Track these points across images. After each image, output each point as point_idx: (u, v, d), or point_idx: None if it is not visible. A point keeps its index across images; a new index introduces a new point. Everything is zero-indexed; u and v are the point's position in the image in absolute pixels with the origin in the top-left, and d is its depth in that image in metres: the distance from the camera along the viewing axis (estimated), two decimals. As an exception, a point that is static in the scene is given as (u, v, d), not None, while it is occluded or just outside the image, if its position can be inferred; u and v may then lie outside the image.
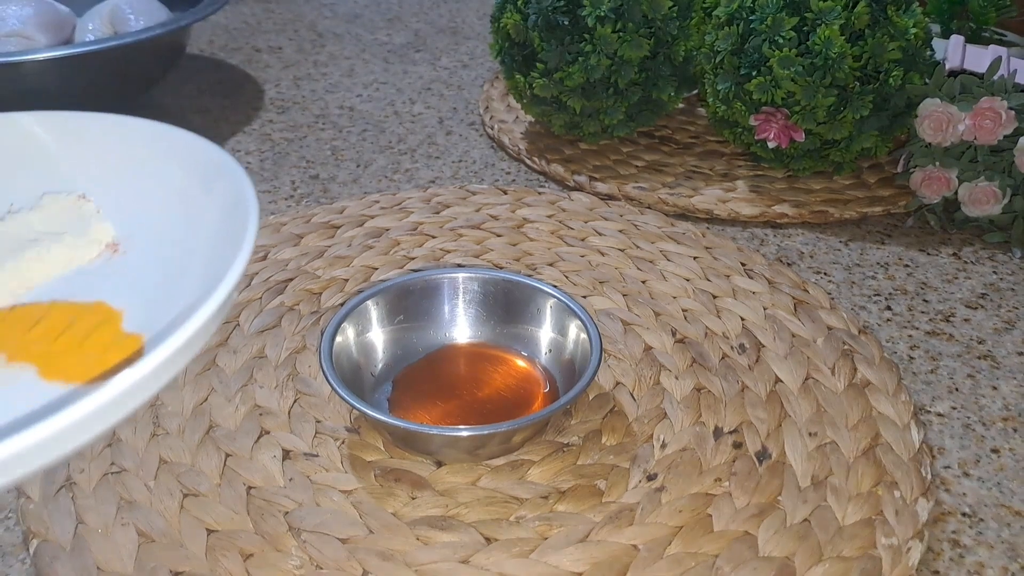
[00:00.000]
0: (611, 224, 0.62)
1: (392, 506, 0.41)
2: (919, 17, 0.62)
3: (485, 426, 0.41)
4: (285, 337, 0.51)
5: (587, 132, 0.72)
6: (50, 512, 0.40)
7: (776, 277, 0.57)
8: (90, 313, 0.32)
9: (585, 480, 0.42)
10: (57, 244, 0.34)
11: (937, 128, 0.60)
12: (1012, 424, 0.47)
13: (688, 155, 0.74)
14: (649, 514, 0.40)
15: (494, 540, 0.39)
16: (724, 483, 0.42)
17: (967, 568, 0.40)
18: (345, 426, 0.45)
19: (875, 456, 0.43)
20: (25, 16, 0.74)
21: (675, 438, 0.45)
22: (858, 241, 0.64)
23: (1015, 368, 0.51)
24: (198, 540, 0.39)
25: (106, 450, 0.43)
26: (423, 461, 0.43)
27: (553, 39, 0.67)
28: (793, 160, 0.68)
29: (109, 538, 0.39)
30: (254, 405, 0.46)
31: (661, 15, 0.66)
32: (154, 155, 0.35)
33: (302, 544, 0.39)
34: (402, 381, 0.47)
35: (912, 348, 0.53)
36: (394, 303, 0.49)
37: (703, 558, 0.39)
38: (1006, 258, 0.62)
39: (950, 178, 0.61)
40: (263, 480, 0.42)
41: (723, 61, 0.65)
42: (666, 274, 0.57)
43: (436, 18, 1.09)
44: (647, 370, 0.49)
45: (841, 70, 0.60)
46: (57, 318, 0.32)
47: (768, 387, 0.48)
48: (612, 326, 0.52)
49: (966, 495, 0.43)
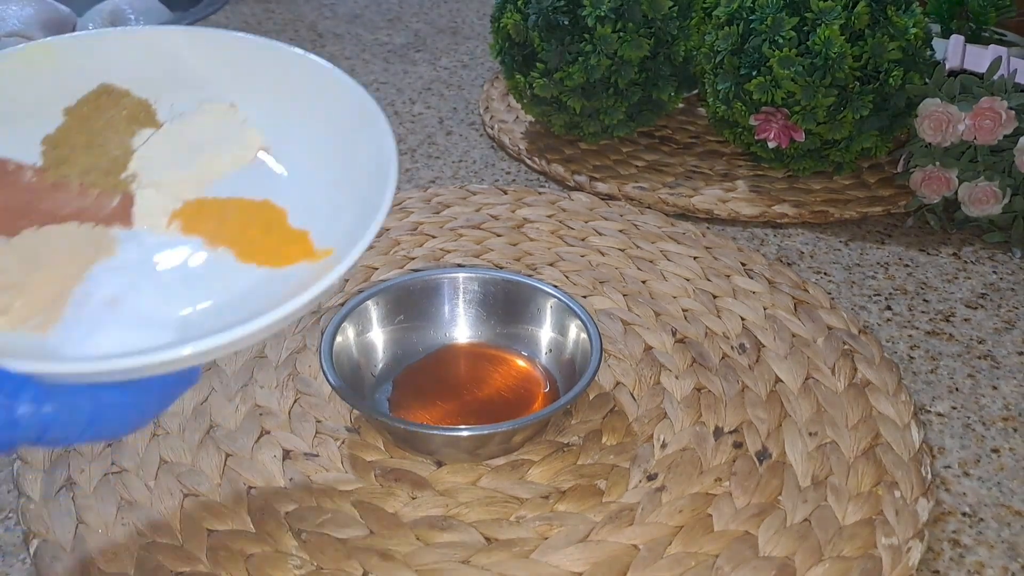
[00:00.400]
0: (611, 224, 0.62)
1: (392, 506, 0.41)
2: (919, 17, 0.62)
3: (485, 426, 0.41)
4: (285, 337, 0.51)
5: (587, 132, 0.72)
6: (50, 512, 0.40)
7: (776, 277, 0.57)
8: (263, 209, 0.37)
9: (585, 480, 0.42)
10: (225, 147, 0.38)
11: (937, 128, 0.60)
12: (1012, 424, 0.47)
13: (688, 155, 0.74)
14: (649, 514, 0.40)
15: (494, 540, 0.39)
16: (724, 483, 0.42)
17: (967, 568, 0.40)
18: (345, 426, 0.45)
19: (875, 456, 0.43)
20: (26, 16, 0.74)
21: (675, 438, 0.45)
22: (858, 241, 0.64)
23: (1015, 368, 0.51)
24: (198, 540, 0.39)
25: (106, 450, 0.43)
26: (423, 461, 0.43)
27: (553, 39, 0.67)
28: (793, 160, 0.68)
29: (109, 538, 0.39)
30: (254, 405, 0.46)
31: (661, 15, 0.66)
32: (300, 79, 0.38)
33: (302, 544, 0.39)
34: (402, 381, 0.47)
35: (912, 348, 0.53)
36: (394, 303, 0.49)
37: (703, 558, 0.39)
38: (1006, 258, 0.62)
39: (950, 178, 0.62)
40: (263, 480, 0.42)
41: (723, 61, 0.65)
42: (666, 274, 0.57)
43: (436, 18, 1.09)
44: (647, 370, 0.49)
45: (841, 70, 0.60)
46: (239, 212, 0.36)
47: (768, 387, 0.48)
48: (612, 326, 0.52)
49: (966, 495, 0.43)
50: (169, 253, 0.35)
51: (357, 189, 0.35)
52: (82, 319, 0.32)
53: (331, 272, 0.30)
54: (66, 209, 0.35)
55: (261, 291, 0.33)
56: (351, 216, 0.34)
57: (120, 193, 0.36)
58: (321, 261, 0.34)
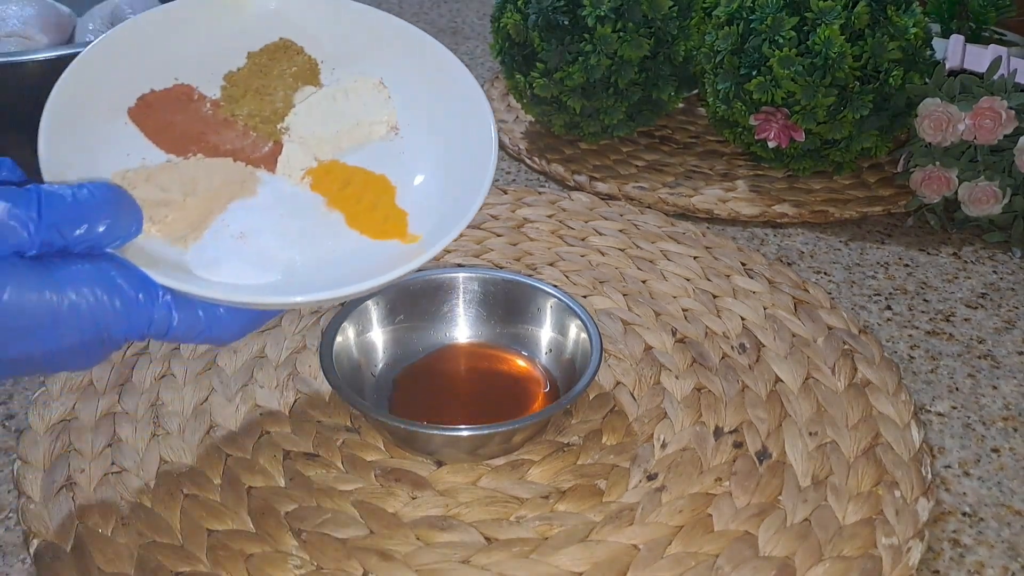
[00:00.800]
0: (611, 224, 0.62)
1: (392, 506, 0.41)
2: (919, 17, 0.62)
3: (485, 426, 0.41)
4: (285, 337, 0.51)
5: (587, 132, 0.72)
6: (50, 512, 0.40)
7: (776, 277, 0.57)
8: (378, 184, 0.41)
9: (585, 480, 0.42)
10: (366, 119, 0.42)
11: (937, 128, 0.60)
12: (1012, 424, 0.47)
13: (688, 155, 0.74)
14: (649, 514, 0.40)
15: (494, 540, 0.39)
16: (724, 483, 0.42)
17: (967, 568, 0.40)
18: (345, 426, 0.45)
19: (875, 456, 0.43)
20: (25, 16, 0.74)
21: (675, 438, 0.45)
22: (858, 241, 0.64)
23: (1015, 368, 0.51)
24: (198, 540, 0.39)
25: (106, 450, 0.43)
26: (423, 461, 0.43)
27: (553, 39, 0.67)
28: (793, 160, 0.68)
29: (109, 538, 0.39)
30: (254, 405, 0.46)
31: (661, 15, 0.66)
32: (437, 69, 0.42)
33: (302, 544, 0.39)
34: (402, 381, 0.47)
35: (912, 348, 0.53)
36: (394, 303, 0.49)
37: (703, 558, 0.39)
38: (1006, 258, 0.62)
39: (950, 178, 0.61)
40: (263, 480, 0.42)
41: (723, 61, 0.65)
42: (666, 274, 0.57)
43: (436, 18, 1.09)
44: (647, 370, 0.49)
45: (841, 70, 0.60)
46: (360, 181, 0.41)
47: (768, 387, 0.48)
48: (612, 326, 0.52)
49: (966, 495, 0.43)
50: (295, 204, 0.39)
51: (454, 188, 0.40)
52: (215, 245, 0.37)
53: (414, 259, 0.36)
54: (227, 145, 0.40)
55: (355, 257, 0.38)
56: (443, 212, 0.39)
57: (272, 141, 0.41)
58: (409, 245, 0.38)
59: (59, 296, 0.31)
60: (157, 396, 0.47)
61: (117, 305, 0.32)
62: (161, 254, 0.35)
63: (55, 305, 0.31)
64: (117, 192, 0.33)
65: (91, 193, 0.32)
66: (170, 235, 0.36)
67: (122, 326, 0.32)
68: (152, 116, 0.40)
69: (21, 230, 0.30)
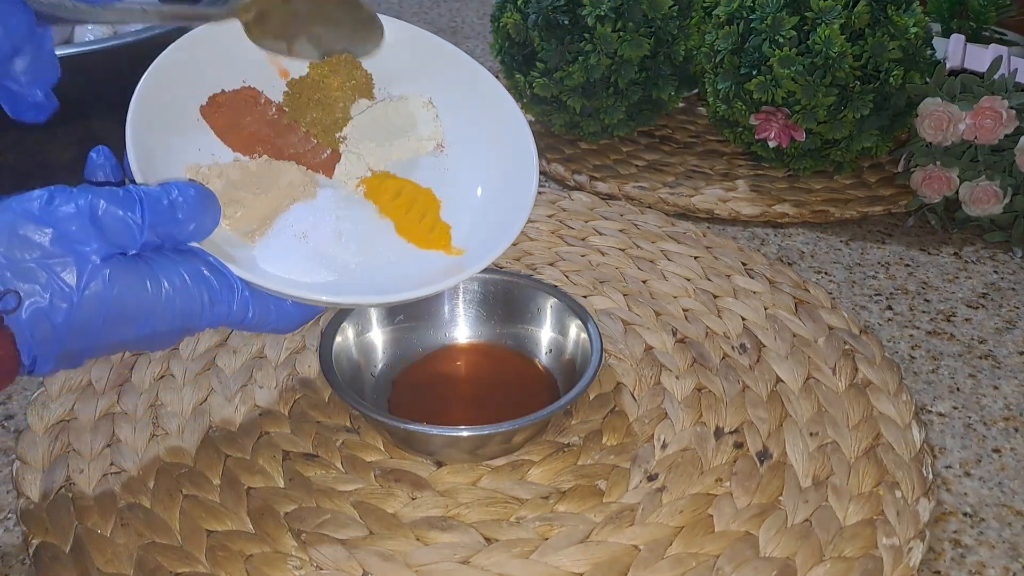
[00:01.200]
0: (611, 224, 0.62)
1: (392, 506, 0.41)
2: (919, 16, 0.62)
3: (485, 426, 0.41)
4: (285, 337, 0.51)
5: (587, 132, 0.72)
6: (50, 512, 0.40)
7: (777, 277, 0.56)
8: (425, 197, 0.44)
9: (586, 480, 0.42)
10: (415, 134, 0.45)
11: (938, 127, 0.60)
12: (1013, 424, 0.47)
13: (688, 155, 0.74)
14: (650, 514, 0.40)
15: (494, 540, 0.39)
16: (725, 483, 0.42)
17: (968, 568, 0.40)
18: (345, 426, 0.45)
19: (876, 456, 0.43)
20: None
21: (676, 438, 0.44)
22: (859, 241, 0.64)
23: (1016, 368, 0.51)
24: (198, 541, 0.39)
25: (106, 450, 0.43)
26: (423, 461, 0.43)
27: (553, 39, 0.67)
28: (794, 159, 0.68)
29: (108, 539, 0.39)
30: (254, 405, 0.46)
31: (661, 15, 0.66)
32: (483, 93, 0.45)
33: (301, 545, 0.39)
34: (402, 381, 0.47)
35: (913, 348, 0.53)
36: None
37: (704, 558, 0.38)
38: (1007, 257, 0.62)
39: (951, 177, 0.61)
40: (262, 481, 0.42)
41: (723, 60, 0.64)
42: (667, 274, 0.57)
43: (436, 18, 1.09)
44: (648, 370, 0.49)
45: (841, 69, 0.60)
46: (409, 193, 0.44)
47: (769, 387, 0.48)
48: (612, 326, 0.52)
49: (967, 495, 0.43)
50: (350, 210, 0.43)
51: (496, 207, 0.43)
52: (277, 242, 0.40)
53: (458, 274, 0.40)
54: (291, 149, 0.43)
55: (402, 264, 0.41)
56: (484, 228, 0.42)
57: (331, 149, 0.44)
58: (452, 256, 0.42)
59: (158, 289, 0.34)
60: (156, 396, 0.47)
61: (205, 298, 0.36)
62: (231, 248, 0.38)
63: (154, 297, 0.34)
64: (203, 193, 0.36)
65: (182, 195, 0.35)
66: (239, 230, 0.39)
67: (207, 316, 0.36)
68: (222, 115, 0.43)
69: (131, 233, 0.34)
